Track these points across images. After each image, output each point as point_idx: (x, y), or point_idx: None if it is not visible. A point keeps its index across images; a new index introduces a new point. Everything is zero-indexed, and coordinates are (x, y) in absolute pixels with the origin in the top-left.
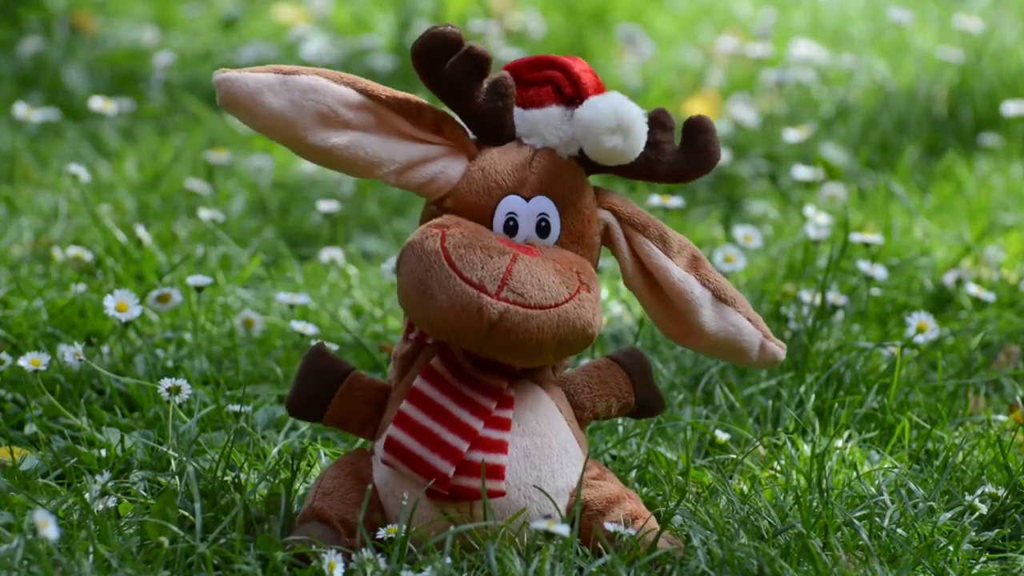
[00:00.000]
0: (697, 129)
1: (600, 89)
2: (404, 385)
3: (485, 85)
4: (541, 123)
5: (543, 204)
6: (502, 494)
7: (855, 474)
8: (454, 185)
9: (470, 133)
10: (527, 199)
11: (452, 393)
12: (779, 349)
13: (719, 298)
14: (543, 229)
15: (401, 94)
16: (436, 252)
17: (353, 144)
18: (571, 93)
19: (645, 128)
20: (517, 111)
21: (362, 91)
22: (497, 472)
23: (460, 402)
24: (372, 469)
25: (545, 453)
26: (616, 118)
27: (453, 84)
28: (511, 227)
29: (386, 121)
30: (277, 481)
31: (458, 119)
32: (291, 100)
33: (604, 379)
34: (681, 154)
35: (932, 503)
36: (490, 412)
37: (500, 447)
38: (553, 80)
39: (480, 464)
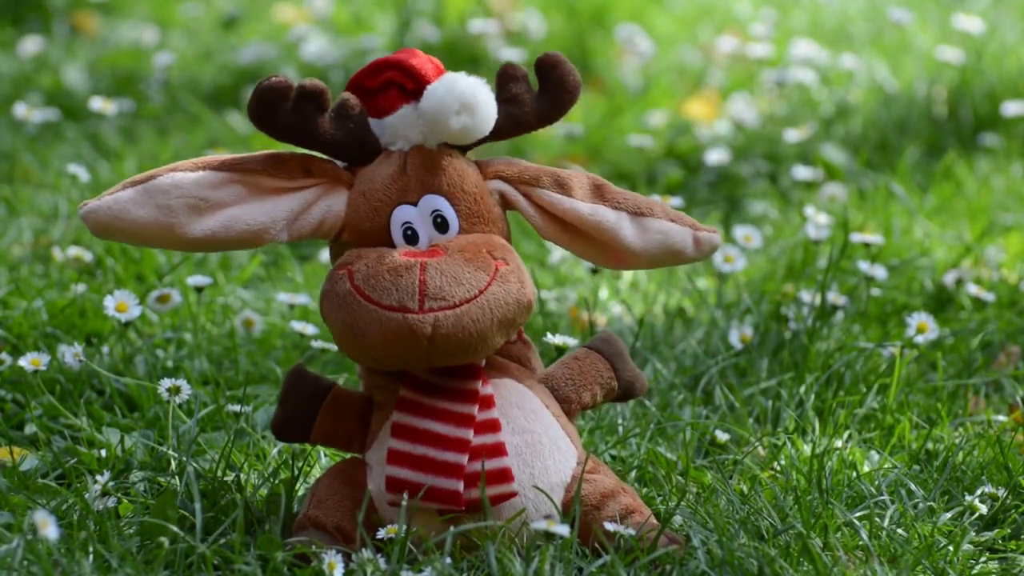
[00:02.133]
0: (548, 66)
1: (441, 73)
2: (389, 395)
3: (329, 115)
4: (399, 126)
5: (433, 202)
6: (514, 495)
7: (855, 474)
8: (344, 218)
9: (339, 163)
10: (415, 203)
11: (431, 413)
12: (712, 234)
13: (635, 214)
14: (441, 225)
15: (260, 154)
16: (349, 292)
17: (233, 221)
18: (414, 88)
19: (490, 98)
20: (373, 122)
21: (220, 168)
22: (504, 475)
23: (442, 418)
24: (366, 476)
25: (536, 450)
26: (457, 98)
27: (299, 127)
28: (411, 236)
29: (256, 185)
30: (277, 481)
31: (323, 154)
32: (157, 205)
33: (584, 369)
34: (542, 97)
35: (932, 503)
36: (474, 417)
37: (498, 450)
38: (394, 81)
39: (488, 471)
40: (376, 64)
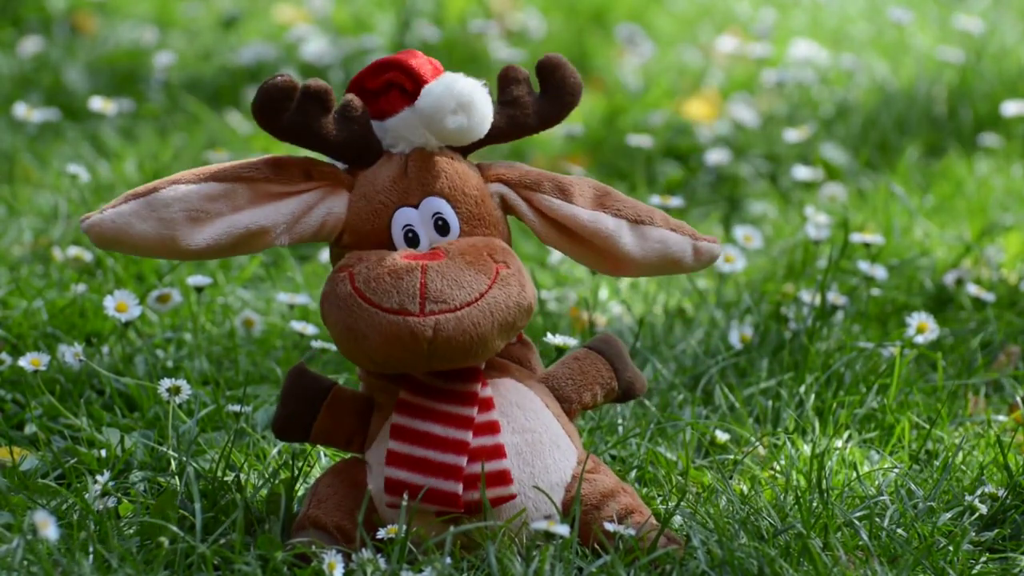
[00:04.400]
0: (549, 68)
1: (440, 74)
2: (389, 396)
3: (332, 116)
4: (400, 128)
5: (434, 204)
6: (513, 497)
7: (855, 474)
8: (344, 221)
9: (340, 166)
10: (416, 206)
11: (430, 415)
12: (713, 245)
13: (635, 222)
14: (442, 227)
15: (260, 160)
16: (350, 294)
17: (232, 227)
18: (413, 88)
19: (486, 97)
20: (375, 124)
21: (221, 178)
22: (503, 477)
23: (441, 421)
24: (366, 476)
25: (537, 449)
26: (453, 98)
27: (302, 128)
28: (412, 239)
29: (256, 191)
30: (277, 481)
31: (324, 157)
32: (159, 219)
33: (584, 369)
34: (543, 99)
35: (932, 503)
36: (473, 420)
37: (498, 452)
38: (394, 82)
39: (487, 473)
40: (376, 65)
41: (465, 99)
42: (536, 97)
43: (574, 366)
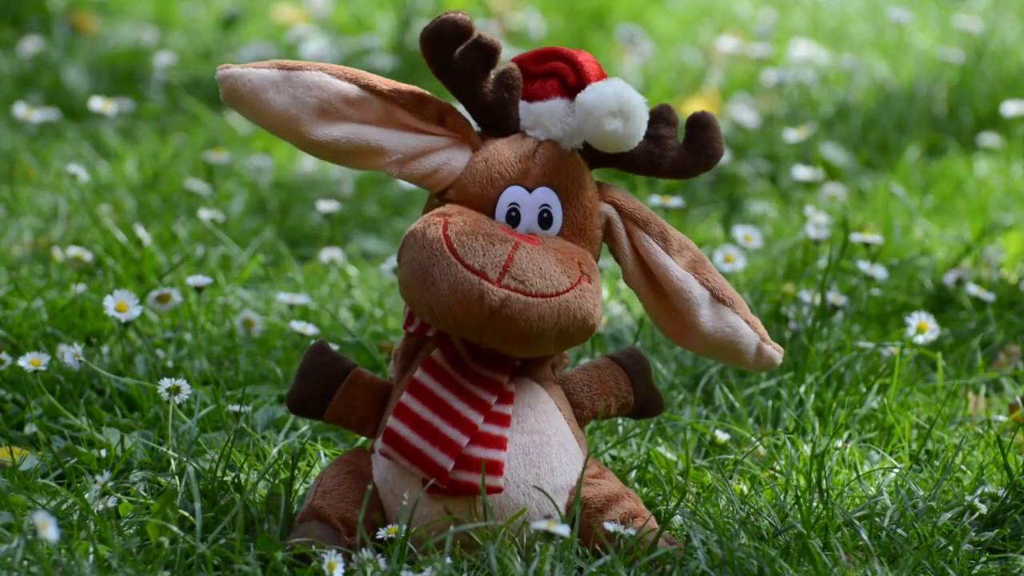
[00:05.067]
0: (700, 125)
1: (603, 77)
2: (405, 381)
3: (492, 76)
4: (545, 115)
5: (546, 195)
6: (500, 490)
7: (855, 474)
8: (457, 176)
9: (474, 124)
10: (530, 190)
11: (452, 386)
12: (776, 353)
13: (717, 299)
14: (545, 220)
15: (404, 87)
16: (438, 239)
17: (355, 135)
18: (575, 83)
19: (646, 114)
20: (522, 104)
21: (364, 87)
22: (495, 468)
23: (460, 395)
24: (372, 468)
25: (544, 451)
26: (617, 102)
27: (461, 73)
28: (513, 217)
29: (389, 114)
30: (277, 481)
31: (462, 110)
32: (293, 96)
33: (604, 379)
34: (684, 150)
35: (932, 503)
36: (490, 406)
37: (499, 443)
38: (558, 72)
39: (479, 459)
40: (544, 52)
41: (629, 107)
42: (679, 145)
43: (593, 374)
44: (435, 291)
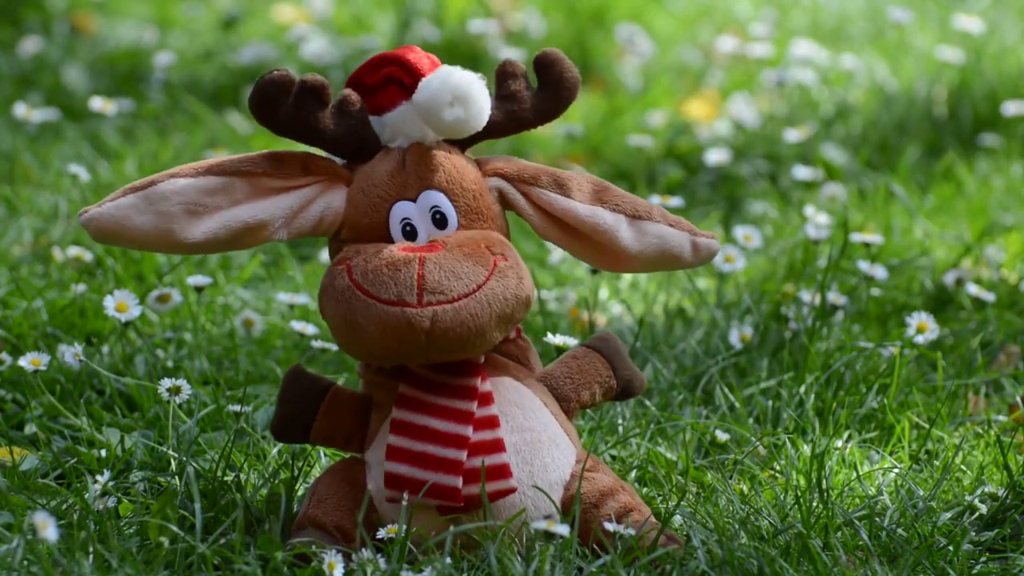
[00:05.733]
0: (547, 63)
1: (437, 66)
2: (387, 394)
3: (330, 110)
4: (399, 123)
5: (431, 198)
6: (514, 491)
7: (855, 474)
8: (343, 215)
9: (338, 161)
10: (414, 200)
11: (429, 409)
12: (711, 241)
13: (633, 217)
14: (440, 221)
15: (258, 155)
16: (347, 287)
17: (231, 220)
18: (411, 83)
19: (483, 90)
20: (374, 119)
21: (219, 173)
22: (503, 471)
23: (441, 415)
24: (366, 476)
25: (535, 448)
26: (450, 90)
27: (299, 122)
28: (409, 232)
29: (255, 187)
30: (277, 481)
31: (322, 152)
32: (157, 212)
33: (583, 368)
34: (540, 94)
35: (932, 503)
36: (473, 414)
37: (497, 446)
38: (393, 77)
39: (487, 467)
40: (375, 60)
41: (462, 91)
42: (534, 92)
43: (572, 365)
44: (365, 336)
